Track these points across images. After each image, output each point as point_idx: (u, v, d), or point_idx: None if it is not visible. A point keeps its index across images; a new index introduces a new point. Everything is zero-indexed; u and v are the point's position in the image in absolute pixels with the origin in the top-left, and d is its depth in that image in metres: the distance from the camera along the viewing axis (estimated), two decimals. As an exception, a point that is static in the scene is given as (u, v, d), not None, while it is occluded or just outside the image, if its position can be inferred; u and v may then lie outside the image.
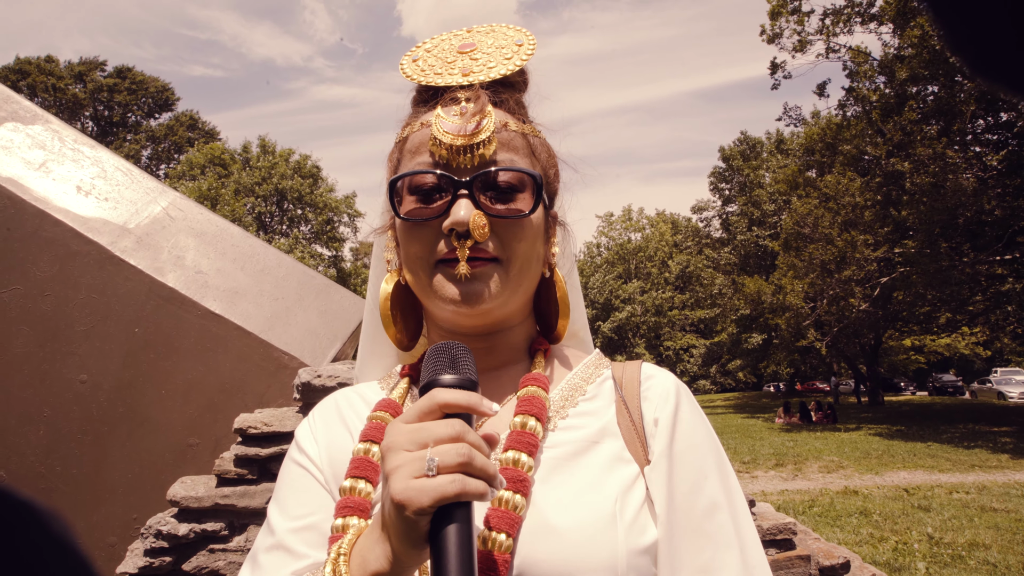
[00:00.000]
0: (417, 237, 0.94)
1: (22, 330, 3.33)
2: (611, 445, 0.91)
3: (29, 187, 3.43)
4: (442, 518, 0.67)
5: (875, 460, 15.54)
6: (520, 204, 0.93)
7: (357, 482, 0.89)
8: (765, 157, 45.40)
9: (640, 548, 0.82)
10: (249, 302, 3.53)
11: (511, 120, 0.97)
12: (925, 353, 42.90)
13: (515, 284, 0.95)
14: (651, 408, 0.94)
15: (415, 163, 0.95)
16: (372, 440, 0.93)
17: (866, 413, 29.82)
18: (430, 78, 0.98)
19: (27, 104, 3.79)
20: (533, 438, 0.88)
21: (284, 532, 0.91)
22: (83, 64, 47.44)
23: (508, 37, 1.04)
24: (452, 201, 0.90)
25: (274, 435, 3.03)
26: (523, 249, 0.94)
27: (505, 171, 0.92)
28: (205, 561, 2.90)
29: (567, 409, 0.96)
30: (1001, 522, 9.17)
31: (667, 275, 54.33)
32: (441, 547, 0.66)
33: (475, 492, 0.67)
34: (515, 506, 0.81)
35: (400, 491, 0.67)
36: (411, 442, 0.70)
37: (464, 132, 0.91)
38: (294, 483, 0.97)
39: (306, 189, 45.25)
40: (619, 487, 0.86)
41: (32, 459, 3.29)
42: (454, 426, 0.71)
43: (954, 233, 21.33)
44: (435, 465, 0.67)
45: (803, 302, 26.13)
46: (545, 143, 1.03)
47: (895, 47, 22.66)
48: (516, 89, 1.03)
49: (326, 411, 1.05)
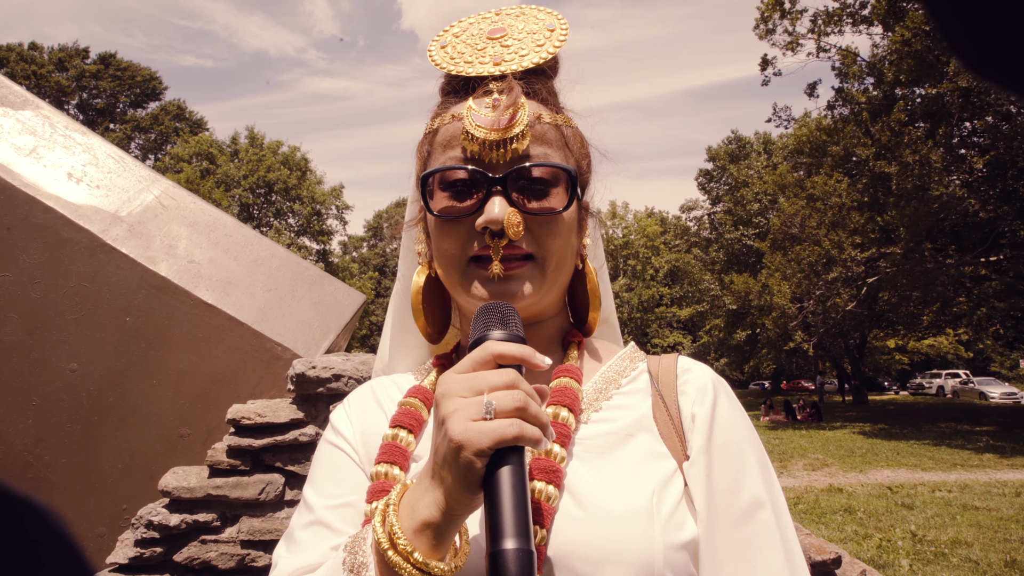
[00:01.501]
0: (449, 233, 0.92)
1: (11, 317, 3.28)
2: (646, 439, 0.90)
3: (19, 173, 3.38)
4: (497, 462, 0.67)
5: (859, 458, 15.70)
6: (554, 200, 0.91)
7: (391, 468, 0.88)
8: (753, 157, 45.63)
9: (678, 544, 0.81)
10: (242, 292, 3.50)
11: (544, 111, 0.95)
12: (908, 352, 43.36)
13: (551, 281, 0.94)
14: (688, 402, 0.93)
15: (446, 157, 0.93)
16: (401, 426, 0.93)
17: (851, 412, 30.12)
18: (460, 67, 0.95)
19: (17, 89, 3.74)
20: (566, 429, 0.87)
21: (322, 509, 0.90)
22: (63, 51, 46.70)
23: (539, 21, 1.01)
24: (485, 198, 0.89)
25: (267, 426, 3.01)
26: (558, 245, 0.92)
27: (540, 167, 0.90)
28: (197, 552, 2.87)
29: (600, 402, 0.95)
30: (983, 520, 9.29)
31: (651, 271, 54.50)
32: (496, 488, 0.67)
33: (532, 437, 0.68)
34: (548, 497, 0.81)
35: (459, 432, 0.67)
36: (467, 389, 0.70)
37: (498, 126, 0.88)
38: (331, 463, 0.96)
39: (293, 181, 44.98)
40: (655, 481, 0.84)
41: (20, 448, 3.25)
42: (509, 374, 0.71)
43: (939, 235, 21.55)
44: (493, 408, 0.68)
45: (790, 303, 26.30)
46: (578, 132, 1.01)
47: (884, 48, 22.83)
48: (547, 76, 1.01)
49: (362, 396, 1.05)
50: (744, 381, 57.33)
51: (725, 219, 44.14)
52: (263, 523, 2.90)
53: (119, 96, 48.86)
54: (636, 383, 0.97)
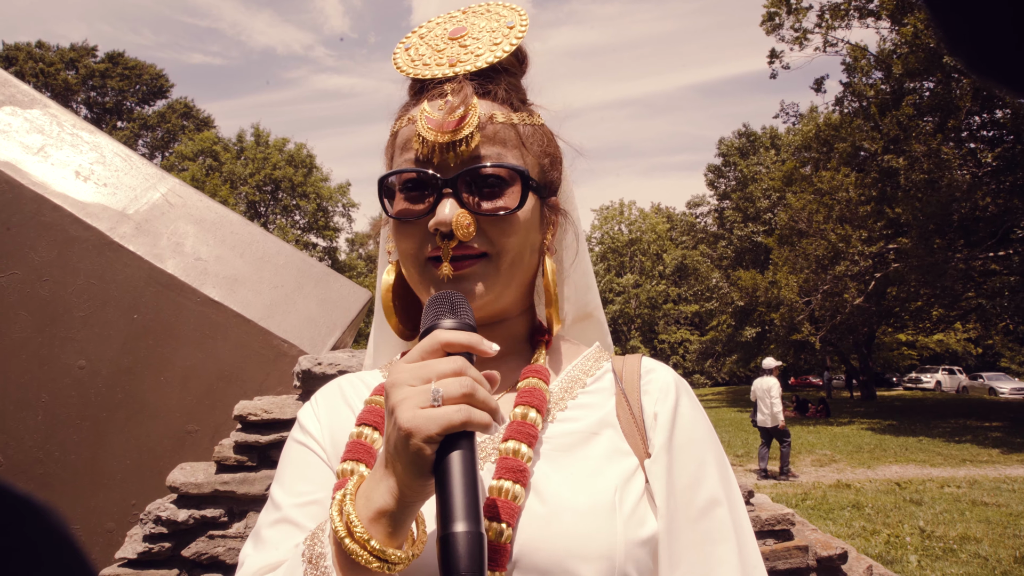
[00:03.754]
0: (407, 235, 0.94)
1: (20, 315, 3.31)
2: (610, 437, 0.92)
3: (27, 172, 3.40)
4: (447, 448, 0.68)
5: (867, 454, 15.65)
6: (507, 200, 0.91)
7: (357, 465, 0.89)
8: (761, 152, 45.39)
9: (639, 539, 0.83)
10: (248, 289, 3.52)
11: (499, 111, 0.94)
12: (917, 348, 43.14)
13: (506, 278, 0.94)
14: (651, 402, 0.95)
15: (403, 160, 0.94)
16: (367, 424, 0.93)
17: (859, 407, 29.99)
18: (418, 69, 0.96)
19: (25, 88, 3.76)
20: (533, 429, 0.88)
21: (289, 507, 0.91)
22: (73, 51, 46.89)
23: (500, 18, 1.01)
24: (437, 200, 0.90)
25: (274, 422, 3.03)
26: (514, 243, 0.92)
27: (490, 167, 0.90)
28: (204, 547, 2.90)
29: (566, 401, 0.96)
30: (992, 516, 9.25)
31: (661, 268, 54.39)
32: (446, 474, 0.68)
33: (480, 422, 0.69)
34: (514, 496, 0.82)
35: (407, 420, 0.68)
36: (415, 377, 0.71)
37: (447, 128, 0.89)
38: (298, 461, 0.97)
39: (299, 178, 45.07)
40: (618, 478, 0.86)
41: (30, 445, 3.27)
42: (456, 362, 0.72)
43: (948, 229, 21.40)
44: (440, 396, 0.69)
45: (797, 296, 26.21)
46: (540, 129, 1.00)
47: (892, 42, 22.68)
48: (510, 73, 1.00)
49: (329, 394, 1.06)
50: (750, 378, 57.18)
51: (734, 215, 43.95)
52: (270, 519, 2.91)
53: (126, 94, 49.02)
54: (601, 382, 0.99)
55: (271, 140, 46.79)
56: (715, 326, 44.19)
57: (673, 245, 54.59)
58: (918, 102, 21.19)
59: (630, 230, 57.06)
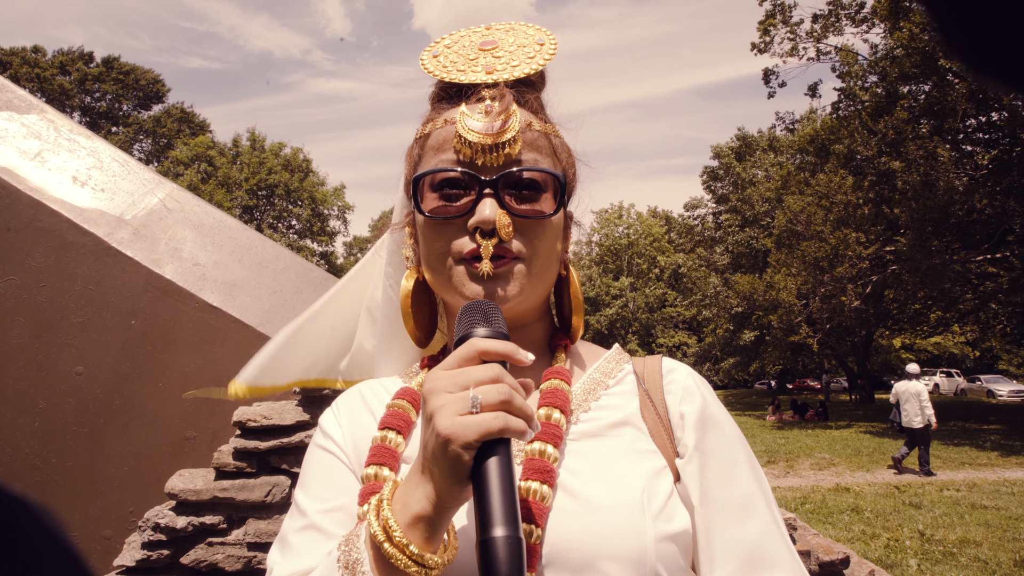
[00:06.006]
0: (440, 234, 0.95)
1: (17, 321, 3.29)
2: (635, 437, 0.93)
3: (24, 177, 3.38)
4: (484, 454, 0.69)
5: (866, 457, 15.64)
6: (543, 204, 0.94)
7: (380, 470, 0.89)
8: (758, 156, 45.42)
9: (668, 534, 0.83)
10: (247, 295, 3.50)
11: (535, 120, 0.97)
12: (914, 351, 43.18)
13: (536, 282, 0.96)
14: (676, 401, 0.96)
15: (438, 160, 0.95)
16: (390, 428, 0.94)
17: (857, 411, 30.00)
18: (453, 75, 0.98)
19: (22, 93, 3.75)
20: (558, 429, 0.89)
21: (315, 513, 0.91)
22: (65, 55, 46.78)
23: (529, 36, 1.05)
24: (477, 200, 0.91)
25: (273, 428, 3.01)
26: (544, 248, 0.95)
27: (530, 171, 0.93)
28: (203, 554, 2.88)
29: (589, 403, 0.97)
30: (992, 519, 9.24)
31: (656, 272, 54.44)
32: (484, 479, 0.69)
33: (517, 429, 0.70)
34: (543, 496, 0.83)
35: (446, 427, 0.69)
36: (453, 384, 0.72)
37: (490, 131, 0.91)
38: (321, 467, 0.97)
39: (295, 184, 45.05)
40: (645, 477, 0.87)
41: (27, 451, 3.25)
42: (493, 369, 0.73)
43: (945, 231, 21.46)
44: (479, 403, 0.70)
45: (795, 299, 26.24)
46: (564, 143, 1.04)
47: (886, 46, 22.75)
48: (536, 89, 1.04)
49: (350, 399, 1.06)
50: (750, 381, 57.22)
51: (731, 219, 43.94)
52: (269, 525, 2.89)
53: (122, 99, 48.95)
54: (623, 384, 1.00)
55: (267, 144, 46.75)
56: (712, 330, 44.18)
57: (672, 248, 54.62)
58: (913, 105, 21.26)
59: (628, 233, 57.09)
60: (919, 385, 13.08)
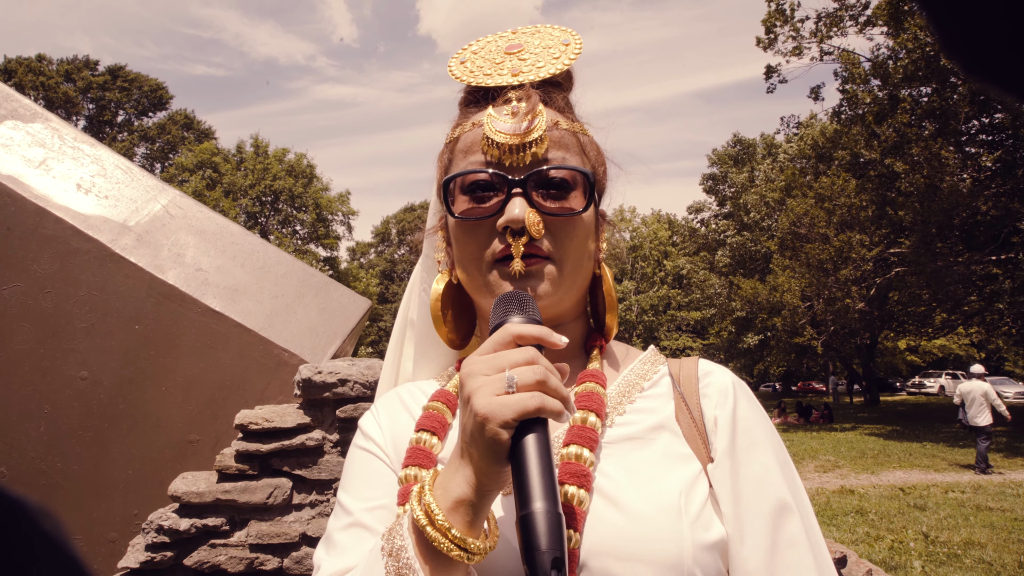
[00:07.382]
0: (471, 236, 0.95)
1: (23, 327, 3.33)
2: (671, 441, 0.91)
3: (29, 185, 3.43)
4: (521, 434, 0.70)
5: (871, 460, 15.59)
6: (573, 202, 0.94)
7: (418, 471, 0.90)
8: (758, 160, 45.32)
9: (707, 543, 0.82)
10: (249, 299, 3.54)
11: (561, 119, 0.98)
12: (920, 353, 42.97)
13: (569, 282, 0.96)
14: (711, 405, 0.95)
15: (467, 163, 0.96)
16: (426, 429, 0.95)
17: (862, 413, 29.88)
18: (479, 79, 0.99)
19: (27, 102, 3.80)
20: (593, 433, 0.88)
21: (360, 512, 0.92)
22: (70, 63, 46.98)
23: (554, 37, 1.06)
24: (506, 200, 0.92)
25: (275, 431, 3.04)
26: (575, 247, 0.95)
27: (558, 169, 0.93)
28: (206, 556, 2.91)
29: (624, 405, 0.96)
30: (996, 521, 9.21)
31: (661, 275, 54.28)
32: (523, 457, 0.69)
33: (553, 409, 0.71)
34: (580, 500, 0.82)
35: (483, 407, 0.70)
36: (489, 367, 0.73)
37: (517, 131, 0.92)
38: (363, 467, 0.98)
39: (299, 189, 45.08)
40: (682, 482, 0.86)
41: (33, 455, 3.29)
42: (528, 351, 0.74)
43: (949, 233, 21.40)
44: (515, 383, 0.71)
45: (799, 301, 26.16)
46: (593, 141, 1.04)
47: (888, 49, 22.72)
48: (563, 88, 1.05)
49: (389, 401, 1.07)
50: (754, 384, 57.08)
51: (728, 224, 43.87)
52: (271, 527, 2.92)
53: (126, 106, 49.13)
54: (658, 387, 0.99)
55: (271, 151, 46.83)
56: (717, 332, 44.06)
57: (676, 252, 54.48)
58: (915, 107, 21.21)
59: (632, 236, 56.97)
60: (985, 385, 13.64)
